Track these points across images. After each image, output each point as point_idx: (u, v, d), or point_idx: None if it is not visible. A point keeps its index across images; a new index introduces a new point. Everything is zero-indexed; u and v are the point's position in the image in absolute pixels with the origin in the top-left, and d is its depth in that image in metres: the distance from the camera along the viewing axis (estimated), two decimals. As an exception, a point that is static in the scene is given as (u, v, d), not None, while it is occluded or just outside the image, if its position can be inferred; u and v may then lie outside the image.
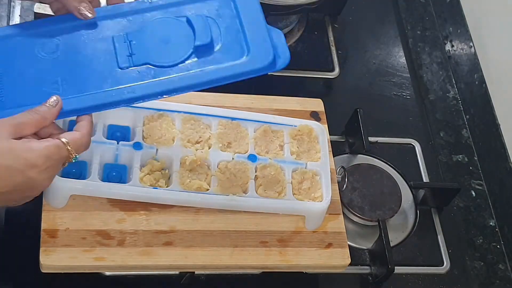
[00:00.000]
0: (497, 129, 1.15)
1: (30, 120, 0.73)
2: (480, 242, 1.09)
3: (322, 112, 1.01)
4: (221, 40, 0.83)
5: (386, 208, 1.03)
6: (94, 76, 0.79)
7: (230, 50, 0.82)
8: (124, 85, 0.79)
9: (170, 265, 0.86)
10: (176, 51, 0.81)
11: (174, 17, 0.84)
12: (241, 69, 0.82)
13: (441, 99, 1.25)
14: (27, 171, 0.70)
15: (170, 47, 0.82)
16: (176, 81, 0.80)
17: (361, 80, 1.22)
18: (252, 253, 0.88)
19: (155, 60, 0.81)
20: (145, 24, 0.83)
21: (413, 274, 1.02)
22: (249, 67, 0.82)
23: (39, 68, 0.80)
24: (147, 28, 0.83)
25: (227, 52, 0.82)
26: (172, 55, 0.81)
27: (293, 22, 1.23)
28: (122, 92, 0.78)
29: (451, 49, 1.30)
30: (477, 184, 1.15)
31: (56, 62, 0.80)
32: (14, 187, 0.70)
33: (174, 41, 0.82)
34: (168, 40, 0.82)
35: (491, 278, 1.06)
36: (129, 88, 0.78)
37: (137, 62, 0.81)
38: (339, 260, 0.90)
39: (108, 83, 0.79)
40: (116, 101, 0.78)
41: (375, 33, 1.29)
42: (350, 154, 1.11)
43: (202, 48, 0.81)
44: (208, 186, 0.88)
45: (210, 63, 0.82)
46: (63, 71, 0.80)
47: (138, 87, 0.79)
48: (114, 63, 0.80)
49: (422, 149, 1.15)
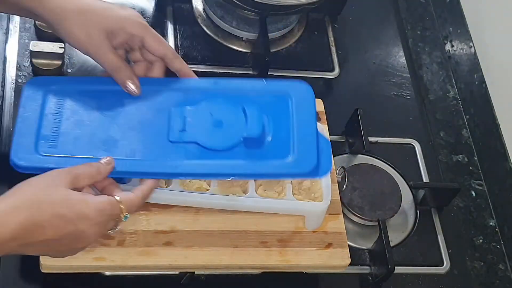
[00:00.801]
0: (497, 129, 1.15)
1: (86, 172, 0.76)
2: (480, 242, 1.09)
3: (322, 112, 1.01)
4: (270, 136, 0.84)
5: (386, 208, 1.03)
6: (145, 143, 0.82)
7: (277, 147, 0.84)
8: (170, 159, 0.81)
9: (170, 265, 0.86)
10: (226, 136, 0.83)
11: (231, 104, 0.85)
12: (283, 170, 0.83)
13: (441, 99, 1.25)
14: (79, 222, 0.71)
15: (221, 132, 0.83)
16: (220, 166, 0.81)
17: (361, 80, 1.22)
18: (252, 253, 0.88)
19: (204, 141, 0.82)
20: (203, 103, 0.85)
21: (413, 274, 1.02)
22: (292, 170, 0.83)
23: (97, 123, 0.82)
24: (204, 108, 0.85)
25: (274, 149, 0.84)
26: (222, 140, 0.83)
27: (293, 22, 1.23)
28: (165, 166, 0.80)
29: (451, 49, 1.30)
30: (477, 184, 1.15)
31: (113, 121, 0.83)
32: (63, 237, 0.71)
33: (226, 126, 0.84)
34: (221, 125, 0.84)
35: (491, 278, 1.06)
36: (174, 163, 0.81)
37: (187, 139, 0.82)
38: (339, 260, 0.90)
39: (155, 153, 0.81)
40: (158, 173, 0.81)
41: (375, 33, 1.29)
42: (350, 154, 1.11)
43: (252, 140, 0.83)
44: (208, 186, 0.88)
45: (256, 157, 0.83)
46: (118, 131, 0.82)
47: (182, 164, 0.81)
48: (165, 135, 0.82)
49: (422, 149, 1.15)
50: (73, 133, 0.82)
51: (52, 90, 0.85)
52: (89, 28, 0.81)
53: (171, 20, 1.19)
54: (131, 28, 0.82)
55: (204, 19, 1.20)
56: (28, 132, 0.80)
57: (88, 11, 0.81)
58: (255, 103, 0.86)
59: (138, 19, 0.84)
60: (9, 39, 1.09)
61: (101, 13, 0.81)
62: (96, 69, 1.08)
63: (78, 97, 0.84)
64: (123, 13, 0.83)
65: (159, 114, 0.84)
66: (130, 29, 0.82)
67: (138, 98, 0.85)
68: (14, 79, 1.05)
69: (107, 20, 0.82)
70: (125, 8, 0.84)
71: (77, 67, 1.09)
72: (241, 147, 0.83)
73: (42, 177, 0.73)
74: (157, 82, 0.87)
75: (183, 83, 0.87)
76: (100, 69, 1.08)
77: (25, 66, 1.07)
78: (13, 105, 1.02)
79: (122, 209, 0.76)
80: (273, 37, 1.20)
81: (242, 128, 0.84)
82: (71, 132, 0.82)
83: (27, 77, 1.06)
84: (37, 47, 1.04)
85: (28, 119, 0.82)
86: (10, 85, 1.04)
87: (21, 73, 1.06)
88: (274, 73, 1.17)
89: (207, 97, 0.86)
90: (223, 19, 1.19)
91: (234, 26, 1.19)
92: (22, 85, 1.04)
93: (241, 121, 0.84)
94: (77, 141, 0.81)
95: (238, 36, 1.19)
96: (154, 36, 0.84)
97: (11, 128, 1.00)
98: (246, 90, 0.88)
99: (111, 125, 0.83)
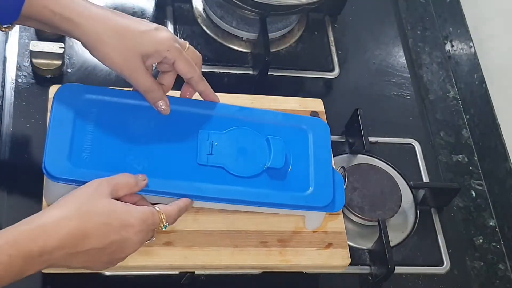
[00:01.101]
0: (497, 129, 1.15)
1: (125, 183, 0.78)
2: (480, 242, 1.09)
3: (322, 112, 1.01)
4: (291, 167, 0.88)
5: (386, 208, 1.03)
6: (174, 163, 0.84)
7: (297, 179, 0.88)
8: (196, 181, 0.83)
9: (170, 265, 0.86)
10: (250, 164, 0.86)
11: (255, 132, 0.89)
12: (303, 202, 0.87)
13: (441, 99, 1.25)
14: (123, 231, 0.75)
15: (245, 159, 0.87)
16: (242, 193, 0.85)
17: (361, 80, 1.22)
18: (252, 253, 0.88)
19: (230, 167, 0.85)
20: (229, 130, 0.88)
21: (413, 274, 1.02)
22: (311, 203, 0.87)
23: (128, 140, 0.84)
24: (231, 135, 0.88)
25: (295, 181, 0.88)
26: (246, 167, 0.86)
27: (293, 22, 1.23)
28: (193, 188, 0.83)
29: (451, 49, 1.30)
30: (477, 184, 1.15)
31: (144, 138, 0.85)
32: (108, 246, 0.74)
33: (250, 155, 0.87)
34: (245, 152, 0.87)
35: (491, 278, 1.06)
36: (201, 186, 0.83)
37: (214, 163, 0.85)
38: (339, 260, 0.90)
39: (182, 174, 0.83)
40: (185, 195, 0.83)
41: (375, 33, 1.29)
42: (350, 154, 1.11)
43: (274, 170, 0.87)
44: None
45: (278, 187, 0.87)
46: (148, 149, 0.84)
47: (207, 188, 0.84)
48: (194, 157, 0.85)
49: (422, 149, 1.15)
50: (105, 147, 0.83)
51: (85, 99, 0.85)
52: (125, 52, 0.82)
53: (171, 20, 1.19)
54: (166, 52, 0.84)
55: (204, 19, 1.20)
56: (61, 142, 0.81)
57: (125, 35, 0.82)
58: (277, 134, 0.90)
59: (173, 44, 0.84)
60: (9, 39, 1.09)
61: (138, 37, 0.83)
62: (96, 69, 1.08)
63: (110, 110, 0.86)
64: (159, 36, 0.84)
65: (187, 135, 0.87)
66: (164, 53, 0.84)
67: (168, 117, 0.87)
68: (14, 79, 1.05)
69: (144, 45, 0.83)
70: (160, 29, 0.85)
71: (77, 67, 1.09)
72: (264, 176, 0.86)
73: (85, 188, 0.76)
74: (185, 103, 0.90)
75: (209, 106, 0.90)
76: (100, 69, 1.08)
77: (25, 66, 1.07)
78: (13, 105, 1.02)
79: (162, 219, 0.79)
80: (273, 37, 1.20)
81: (266, 157, 0.87)
82: (103, 145, 0.83)
83: (27, 77, 1.06)
84: (37, 47, 1.04)
85: (61, 128, 0.82)
86: (10, 85, 1.04)
87: (21, 73, 1.06)
88: (274, 73, 1.17)
89: (232, 123, 0.89)
90: (223, 19, 1.19)
91: (234, 26, 1.19)
92: (22, 85, 1.05)
93: (264, 150, 0.88)
94: (108, 155, 0.83)
95: (238, 36, 1.19)
96: (185, 60, 0.85)
97: (11, 128, 1.00)
98: (268, 120, 0.92)
99: (141, 141, 0.85)
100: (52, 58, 1.05)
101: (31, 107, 1.03)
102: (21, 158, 0.98)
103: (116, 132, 0.85)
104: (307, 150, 0.91)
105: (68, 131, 0.82)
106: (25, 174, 0.96)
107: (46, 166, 0.80)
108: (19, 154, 0.98)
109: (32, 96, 1.04)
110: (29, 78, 1.06)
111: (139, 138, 0.85)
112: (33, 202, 0.87)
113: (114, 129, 0.85)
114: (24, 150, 0.99)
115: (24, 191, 0.94)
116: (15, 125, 1.01)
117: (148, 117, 0.86)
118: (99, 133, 0.84)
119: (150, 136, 0.86)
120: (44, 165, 0.80)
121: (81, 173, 0.80)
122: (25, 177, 0.95)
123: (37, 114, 1.01)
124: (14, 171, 0.97)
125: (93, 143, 0.83)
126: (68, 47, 1.08)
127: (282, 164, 0.87)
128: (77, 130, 0.83)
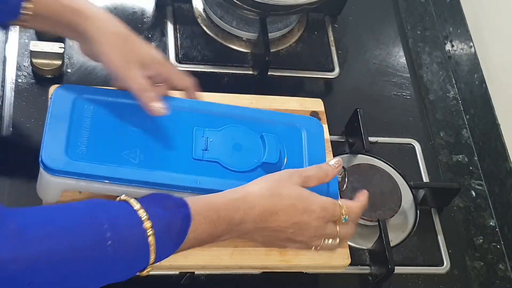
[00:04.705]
0: (497, 129, 1.15)
1: (316, 174, 0.86)
2: (480, 242, 1.09)
3: (322, 112, 1.01)
4: (285, 163, 0.90)
5: (386, 208, 1.03)
6: (169, 158, 0.86)
7: None
8: (193, 174, 0.85)
9: (170, 265, 0.86)
10: (245, 160, 0.88)
11: (250, 130, 0.91)
12: None
13: (441, 99, 1.25)
14: (305, 214, 0.82)
15: (240, 155, 0.89)
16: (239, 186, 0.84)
17: (361, 80, 1.22)
18: (252, 253, 0.88)
19: (225, 162, 0.87)
20: (225, 127, 0.90)
21: (413, 274, 1.02)
22: None
23: (124, 134, 0.86)
24: (226, 132, 0.90)
25: None
26: (241, 162, 0.88)
27: (293, 22, 1.23)
28: (190, 180, 0.84)
29: (451, 49, 1.30)
30: (477, 184, 1.15)
31: (140, 134, 0.87)
32: (290, 225, 0.82)
33: (245, 151, 0.89)
34: (240, 148, 0.89)
35: (491, 278, 1.06)
36: (197, 178, 0.85)
37: (209, 158, 0.87)
38: (339, 260, 0.90)
39: (180, 168, 0.85)
40: (182, 186, 0.84)
41: (375, 33, 1.29)
42: (350, 154, 1.11)
43: (268, 165, 0.88)
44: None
45: None
46: (144, 144, 0.86)
47: (203, 180, 0.85)
48: (190, 152, 0.87)
49: (422, 149, 1.15)
50: (101, 141, 0.84)
51: (82, 98, 0.87)
52: (127, 57, 0.86)
53: (171, 20, 1.19)
54: (160, 68, 0.89)
55: (204, 19, 1.20)
56: (58, 136, 0.83)
57: (128, 40, 0.87)
58: (271, 131, 0.91)
59: (167, 62, 0.92)
60: (9, 39, 1.09)
61: (139, 46, 0.88)
62: (96, 69, 1.08)
63: (107, 107, 0.87)
64: (154, 52, 0.90)
65: (182, 132, 0.88)
66: (160, 69, 0.89)
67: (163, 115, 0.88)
68: (14, 79, 1.05)
69: (143, 55, 0.87)
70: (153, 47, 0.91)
71: (77, 67, 1.09)
72: (259, 171, 0.88)
73: (279, 175, 0.84)
74: (180, 102, 0.92)
75: (203, 106, 0.92)
76: (100, 69, 1.08)
77: (25, 66, 1.07)
78: (13, 105, 1.02)
79: (343, 212, 0.85)
80: (273, 37, 1.20)
81: (261, 153, 0.89)
82: (100, 140, 0.85)
83: (27, 77, 1.06)
84: (37, 47, 1.04)
85: (58, 124, 0.84)
86: (10, 85, 1.04)
87: (21, 73, 1.06)
88: (274, 73, 1.17)
89: (227, 121, 0.91)
90: (223, 19, 1.19)
91: (234, 26, 1.19)
92: (22, 85, 1.05)
93: (259, 147, 0.90)
94: (105, 149, 0.84)
95: (238, 36, 1.19)
96: (178, 75, 0.91)
97: (11, 128, 1.00)
98: (262, 118, 0.93)
99: (138, 137, 0.86)
100: (52, 58, 1.05)
101: (31, 107, 1.03)
102: (21, 158, 0.98)
103: (113, 127, 0.86)
104: (301, 147, 0.92)
105: (65, 126, 0.84)
106: (25, 174, 0.95)
107: (43, 160, 0.80)
108: (19, 154, 0.98)
109: (32, 96, 1.04)
110: (29, 78, 1.06)
111: (136, 134, 0.87)
112: (33, 202, 0.87)
113: (111, 125, 0.86)
114: (24, 150, 0.99)
115: (24, 191, 0.94)
116: (15, 125, 1.01)
117: (144, 116, 0.87)
118: (96, 128, 0.85)
119: (146, 133, 0.87)
120: (41, 159, 0.81)
121: (78, 166, 0.81)
122: (25, 177, 0.95)
123: (37, 114, 1.01)
124: (14, 171, 0.97)
125: (90, 137, 0.84)
126: (68, 47, 1.08)
127: (276, 159, 0.89)
128: (74, 126, 0.84)
